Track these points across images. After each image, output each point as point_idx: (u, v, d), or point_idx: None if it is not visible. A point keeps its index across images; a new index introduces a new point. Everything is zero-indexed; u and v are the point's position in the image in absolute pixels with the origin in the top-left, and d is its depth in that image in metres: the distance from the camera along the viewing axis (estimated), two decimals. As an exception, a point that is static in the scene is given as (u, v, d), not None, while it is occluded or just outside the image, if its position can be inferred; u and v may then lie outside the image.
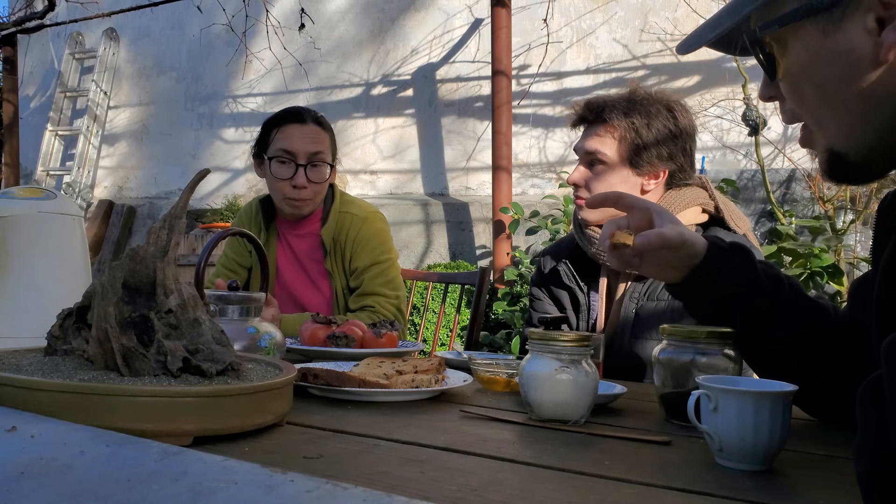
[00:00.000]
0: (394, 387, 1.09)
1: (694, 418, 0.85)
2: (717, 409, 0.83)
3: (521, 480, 0.71)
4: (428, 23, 5.64)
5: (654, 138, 1.61)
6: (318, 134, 2.05)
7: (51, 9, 5.86)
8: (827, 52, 0.76)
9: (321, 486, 0.50)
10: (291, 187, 2.01)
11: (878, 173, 0.83)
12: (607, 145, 1.63)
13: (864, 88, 0.74)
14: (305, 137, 2.02)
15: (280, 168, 2.01)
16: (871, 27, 0.73)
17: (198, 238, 5.44)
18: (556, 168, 5.11)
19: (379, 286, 2.01)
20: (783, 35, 0.80)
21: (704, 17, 4.53)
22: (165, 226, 0.88)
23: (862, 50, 0.74)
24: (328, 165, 2.05)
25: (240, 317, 1.27)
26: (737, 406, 0.81)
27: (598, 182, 1.65)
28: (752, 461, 0.81)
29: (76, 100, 7.22)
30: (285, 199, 2.03)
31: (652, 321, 1.58)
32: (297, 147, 2.01)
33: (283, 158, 2.01)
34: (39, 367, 0.82)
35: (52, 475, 0.52)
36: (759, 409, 0.81)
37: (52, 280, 1.21)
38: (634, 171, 1.63)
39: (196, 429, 0.76)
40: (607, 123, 1.63)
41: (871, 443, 0.55)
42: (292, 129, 2.03)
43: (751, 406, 0.81)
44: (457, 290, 4.14)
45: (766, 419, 0.81)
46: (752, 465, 0.81)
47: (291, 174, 2.00)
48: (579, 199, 1.69)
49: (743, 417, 0.81)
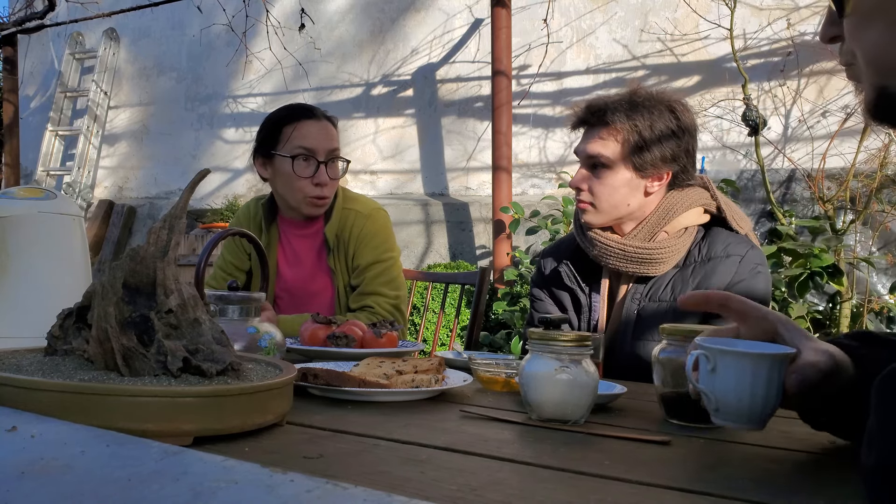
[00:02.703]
0: (394, 387, 1.09)
1: (692, 377, 0.86)
2: (714, 370, 0.84)
3: (521, 480, 0.71)
4: (428, 23, 5.64)
5: (657, 139, 1.59)
6: (332, 131, 2.03)
7: (51, 9, 5.87)
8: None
9: (321, 486, 0.50)
10: (314, 185, 1.97)
11: None
12: (610, 148, 1.61)
13: None
14: (322, 134, 1.99)
15: (302, 166, 1.97)
16: None
17: (198, 238, 5.44)
18: (556, 168, 5.11)
19: (379, 285, 1.99)
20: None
21: (704, 17, 4.54)
22: (165, 226, 0.88)
23: None
24: (344, 162, 2.03)
25: (240, 317, 1.27)
26: (735, 367, 0.83)
27: (600, 185, 1.63)
28: (749, 420, 0.83)
29: (76, 100, 7.22)
30: (308, 198, 1.98)
31: (653, 322, 1.58)
32: (317, 144, 1.97)
33: (305, 156, 1.96)
34: (39, 367, 0.82)
35: (52, 475, 0.52)
36: (757, 371, 0.82)
37: (52, 280, 1.21)
38: (638, 173, 1.62)
39: (196, 429, 0.76)
40: (610, 126, 1.61)
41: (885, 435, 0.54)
42: (309, 125, 1.99)
43: (749, 368, 0.82)
44: (457, 290, 4.14)
45: (763, 381, 0.82)
46: (748, 424, 0.84)
47: (313, 171, 1.97)
48: (581, 202, 1.66)
49: (740, 379, 0.82)
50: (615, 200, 1.63)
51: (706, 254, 1.62)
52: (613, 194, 1.63)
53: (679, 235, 1.64)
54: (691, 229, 1.65)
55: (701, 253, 1.63)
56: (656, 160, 1.60)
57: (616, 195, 1.63)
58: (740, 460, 0.85)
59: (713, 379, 0.84)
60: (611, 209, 1.64)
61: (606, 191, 1.63)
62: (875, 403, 0.56)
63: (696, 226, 1.66)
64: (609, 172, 1.62)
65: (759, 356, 0.83)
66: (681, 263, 1.63)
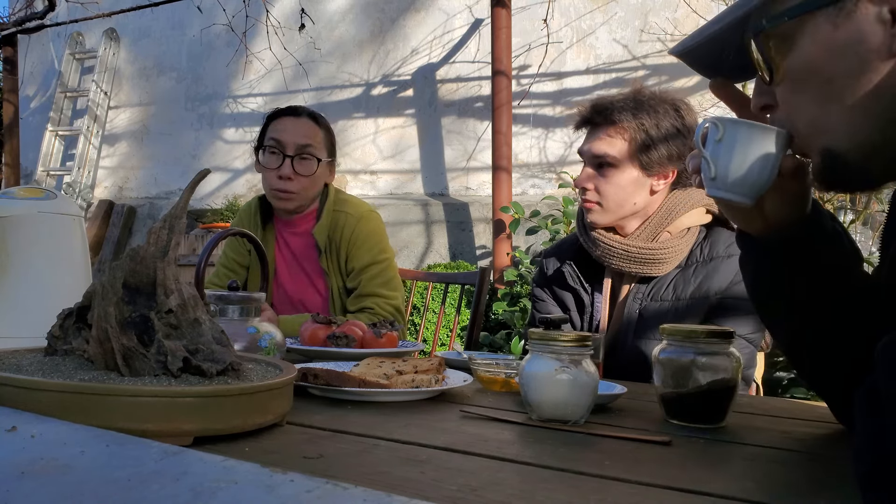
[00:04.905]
0: (394, 387, 1.09)
1: (700, 144, 0.90)
2: (721, 139, 0.88)
3: (521, 480, 0.71)
4: (428, 23, 5.64)
5: (663, 138, 1.61)
6: (310, 128, 2.06)
7: (51, 9, 5.87)
8: (837, 44, 0.75)
9: (321, 486, 0.50)
10: (277, 178, 2.01)
11: (875, 179, 0.82)
12: (616, 147, 1.62)
13: (871, 82, 0.73)
14: (296, 129, 2.04)
15: (269, 158, 2.03)
16: (885, 17, 0.71)
17: (198, 238, 5.44)
18: (556, 168, 5.11)
19: (377, 287, 2.00)
20: (789, 30, 0.79)
21: (705, 17, 4.53)
22: (166, 226, 0.88)
23: (873, 41, 0.72)
24: (316, 160, 2.04)
25: (240, 317, 1.27)
26: (742, 136, 0.87)
27: (607, 184, 1.64)
28: (740, 191, 0.87)
29: (76, 100, 7.22)
30: (271, 189, 2.04)
31: (655, 321, 1.58)
32: (286, 138, 2.02)
33: (273, 149, 2.02)
34: (39, 367, 0.82)
35: (52, 475, 0.52)
36: (762, 141, 0.86)
37: (52, 280, 1.21)
38: (644, 172, 1.63)
39: (196, 429, 0.75)
40: (616, 125, 1.61)
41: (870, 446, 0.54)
42: (286, 121, 2.06)
43: (755, 138, 0.86)
44: (457, 290, 4.14)
45: (764, 152, 0.86)
46: (739, 195, 0.88)
47: (279, 164, 2.01)
48: (588, 201, 1.67)
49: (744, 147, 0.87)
50: (621, 199, 1.64)
51: (708, 254, 1.62)
52: (620, 193, 1.64)
53: (681, 235, 1.64)
54: (693, 229, 1.66)
55: (703, 253, 1.63)
56: (662, 159, 1.61)
57: (622, 193, 1.64)
58: (740, 460, 0.85)
59: (718, 147, 0.88)
60: (617, 208, 1.65)
61: (613, 189, 1.63)
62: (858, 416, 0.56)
63: (699, 226, 1.67)
64: (616, 171, 1.63)
65: (766, 128, 0.87)
66: (683, 263, 1.64)
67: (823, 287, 0.93)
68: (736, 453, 0.89)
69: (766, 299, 1.01)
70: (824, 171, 0.82)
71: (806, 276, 0.93)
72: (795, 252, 0.93)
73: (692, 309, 1.58)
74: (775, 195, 0.92)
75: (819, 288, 0.93)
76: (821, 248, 0.94)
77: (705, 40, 0.89)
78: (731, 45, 0.87)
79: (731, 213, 1.00)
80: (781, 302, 0.97)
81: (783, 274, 0.95)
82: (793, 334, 0.99)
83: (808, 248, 0.93)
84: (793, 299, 0.95)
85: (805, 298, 0.94)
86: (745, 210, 0.95)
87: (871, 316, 0.88)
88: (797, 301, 0.95)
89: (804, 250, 0.93)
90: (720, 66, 0.92)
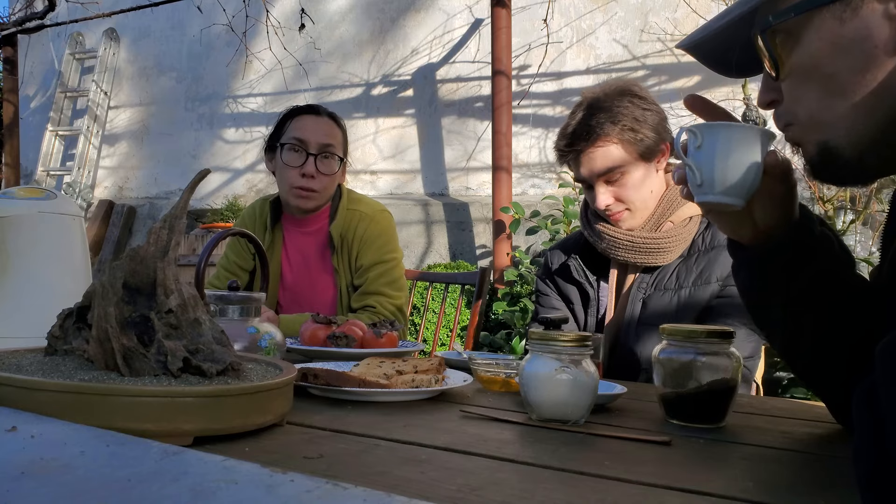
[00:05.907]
0: (394, 387, 1.09)
1: (681, 154, 0.90)
2: (701, 146, 0.88)
3: (521, 480, 0.71)
4: (428, 23, 5.64)
5: (642, 121, 1.65)
6: (331, 128, 2.07)
7: (51, 9, 5.87)
8: (843, 40, 0.75)
9: (321, 486, 0.50)
10: (300, 176, 2.01)
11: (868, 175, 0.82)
12: (614, 155, 1.65)
13: (876, 79, 0.73)
14: (319, 128, 2.04)
15: (291, 156, 2.02)
16: (892, 14, 0.71)
17: (198, 238, 5.44)
18: (556, 168, 5.11)
19: (382, 286, 2.01)
20: (796, 26, 0.79)
21: (705, 17, 4.53)
22: (166, 226, 0.88)
23: (879, 37, 0.72)
24: (338, 159, 2.05)
25: (240, 317, 1.27)
26: (720, 139, 0.87)
27: (625, 190, 1.67)
28: (728, 193, 0.87)
29: (76, 100, 7.22)
30: (292, 188, 2.02)
31: (658, 309, 1.62)
32: (310, 136, 2.02)
33: (295, 147, 2.02)
34: (40, 367, 0.82)
35: (52, 475, 0.52)
36: (741, 140, 0.86)
37: (52, 280, 1.21)
38: (646, 161, 1.67)
39: (196, 429, 0.75)
40: (601, 137, 1.64)
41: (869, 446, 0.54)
42: (307, 119, 2.06)
43: (733, 139, 0.86)
44: (457, 290, 4.14)
45: (746, 152, 0.86)
46: (728, 197, 0.87)
47: (302, 162, 2.01)
48: (615, 214, 1.68)
49: (725, 150, 0.86)
50: (644, 195, 1.68)
51: (710, 242, 1.66)
52: (640, 190, 1.68)
53: (684, 225, 1.68)
54: (696, 218, 1.69)
55: (705, 241, 1.67)
56: (652, 140, 1.66)
57: (642, 190, 1.68)
58: (740, 460, 0.85)
59: (699, 153, 0.88)
60: (644, 205, 1.69)
61: (632, 192, 1.67)
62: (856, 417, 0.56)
63: (700, 215, 1.69)
64: (625, 174, 1.66)
65: (744, 126, 0.87)
66: (686, 252, 1.67)
67: (816, 290, 0.94)
68: (736, 453, 0.89)
69: (759, 305, 1.01)
70: (819, 162, 0.82)
71: (798, 280, 0.94)
72: (786, 257, 0.94)
73: (695, 297, 1.61)
74: (763, 200, 0.92)
75: (811, 291, 0.94)
76: (811, 251, 0.94)
77: (712, 35, 0.89)
78: (738, 40, 0.87)
79: (720, 222, 1.00)
80: (774, 307, 0.98)
81: (775, 279, 0.95)
82: (787, 337, 0.99)
83: (798, 253, 0.94)
84: (786, 304, 0.96)
85: (798, 302, 0.95)
86: (735, 217, 0.95)
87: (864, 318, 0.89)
88: (790, 305, 0.96)
89: (795, 255, 0.93)
90: (727, 61, 0.92)
